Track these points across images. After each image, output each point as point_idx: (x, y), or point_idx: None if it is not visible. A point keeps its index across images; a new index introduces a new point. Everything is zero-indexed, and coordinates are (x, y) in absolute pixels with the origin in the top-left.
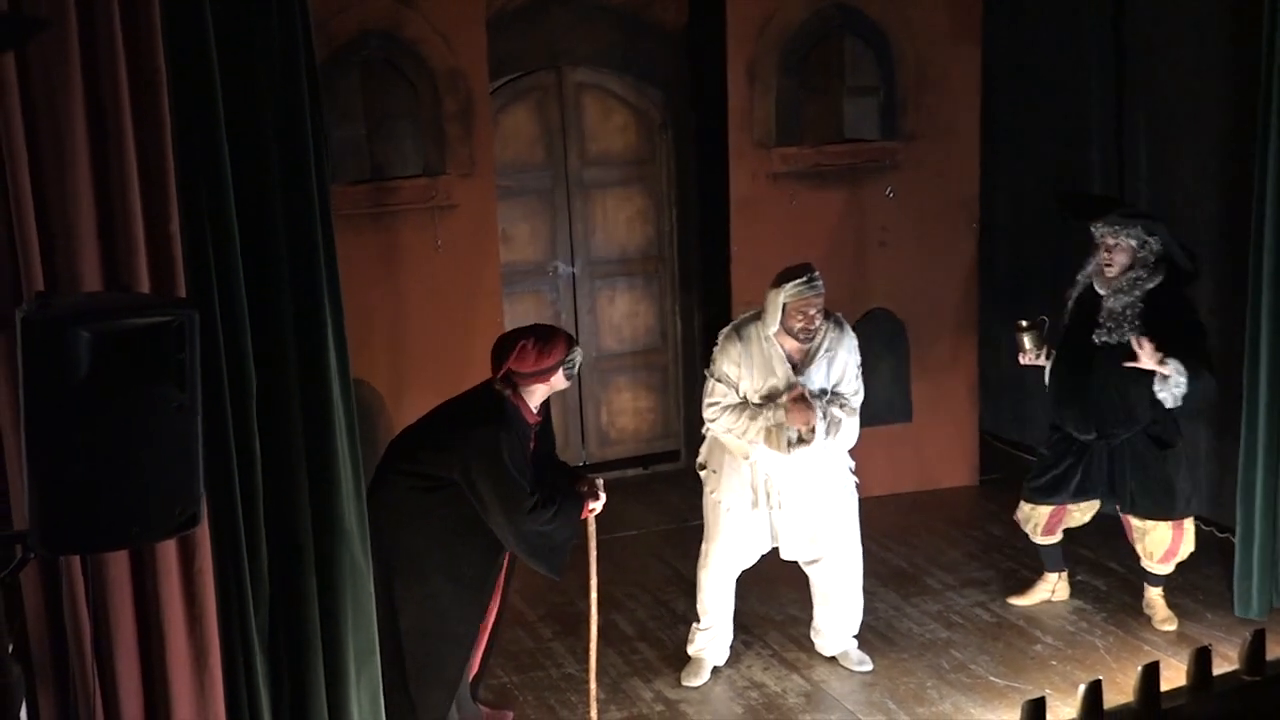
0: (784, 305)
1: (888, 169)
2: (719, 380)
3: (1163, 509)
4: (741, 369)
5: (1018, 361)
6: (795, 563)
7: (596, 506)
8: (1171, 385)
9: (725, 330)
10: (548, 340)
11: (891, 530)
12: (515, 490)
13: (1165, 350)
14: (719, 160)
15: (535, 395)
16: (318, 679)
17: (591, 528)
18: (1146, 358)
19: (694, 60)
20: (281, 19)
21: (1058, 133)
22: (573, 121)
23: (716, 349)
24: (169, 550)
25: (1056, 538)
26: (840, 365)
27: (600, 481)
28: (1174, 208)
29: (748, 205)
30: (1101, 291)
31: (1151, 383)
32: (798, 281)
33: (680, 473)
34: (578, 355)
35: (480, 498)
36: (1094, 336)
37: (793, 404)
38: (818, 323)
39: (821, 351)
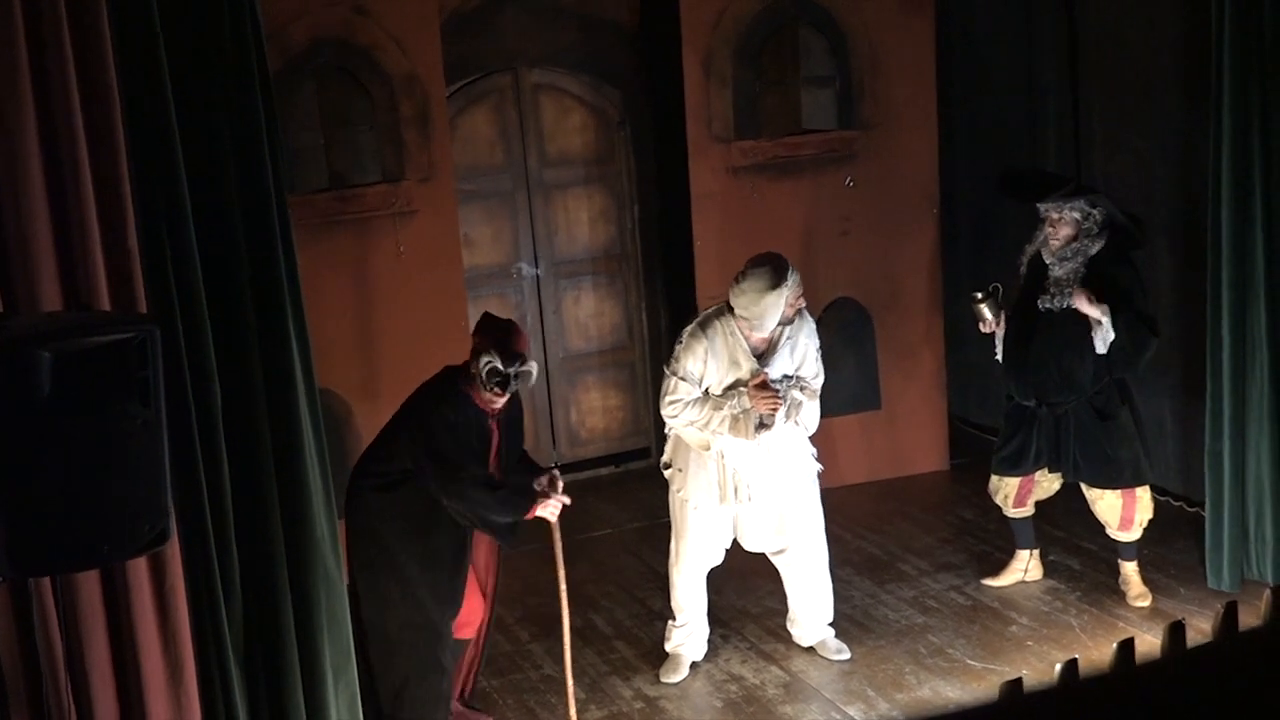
0: None
1: (846, 158)
2: (682, 379)
3: (1106, 478)
4: (707, 365)
5: (983, 343)
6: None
7: (552, 505)
8: (1103, 331)
9: (689, 328)
10: (479, 329)
11: (864, 518)
12: (446, 455)
13: (1102, 299)
14: (678, 156)
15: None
16: (295, 689)
17: (556, 533)
18: (1085, 305)
19: (649, 57)
20: (233, 30)
21: (1013, 113)
22: (531, 122)
23: (680, 346)
24: (140, 568)
25: (1028, 510)
26: (801, 351)
27: (558, 473)
28: (1131, 183)
29: (708, 200)
30: (1048, 260)
31: (1090, 347)
32: None
33: (652, 469)
34: (489, 363)
35: (420, 466)
36: (1039, 303)
37: (755, 390)
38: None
39: (784, 339)
